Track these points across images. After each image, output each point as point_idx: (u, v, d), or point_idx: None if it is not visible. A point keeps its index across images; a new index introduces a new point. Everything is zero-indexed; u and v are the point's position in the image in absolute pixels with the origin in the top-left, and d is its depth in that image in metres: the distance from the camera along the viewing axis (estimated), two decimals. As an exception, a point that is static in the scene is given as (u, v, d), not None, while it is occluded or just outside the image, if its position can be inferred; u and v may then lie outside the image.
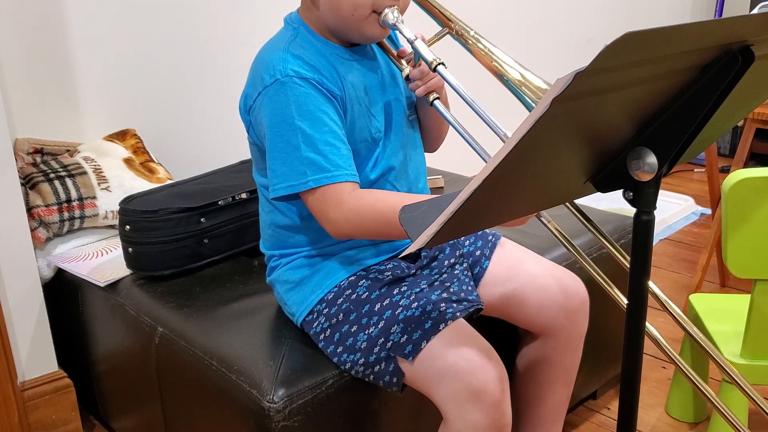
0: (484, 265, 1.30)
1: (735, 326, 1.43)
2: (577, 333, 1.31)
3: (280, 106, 1.09)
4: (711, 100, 0.72)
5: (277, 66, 1.09)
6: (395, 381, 1.10)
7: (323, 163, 1.08)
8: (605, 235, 1.07)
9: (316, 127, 1.08)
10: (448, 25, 1.22)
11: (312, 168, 1.08)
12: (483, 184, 0.68)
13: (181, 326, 1.29)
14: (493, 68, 1.17)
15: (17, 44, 1.64)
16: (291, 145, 1.08)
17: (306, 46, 1.14)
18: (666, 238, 2.79)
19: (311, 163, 1.08)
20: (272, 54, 1.12)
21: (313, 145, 1.07)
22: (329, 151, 1.08)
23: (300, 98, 1.08)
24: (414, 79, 1.17)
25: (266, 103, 1.10)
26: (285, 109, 1.08)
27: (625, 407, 0.86)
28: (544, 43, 2.99)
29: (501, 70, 1.15)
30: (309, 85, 1.09)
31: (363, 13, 1.10)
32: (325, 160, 1.08)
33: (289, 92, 1.08)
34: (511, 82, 1.14)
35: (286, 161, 1.09)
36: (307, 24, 1.16)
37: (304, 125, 1.07)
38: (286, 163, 1.09)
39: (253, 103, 1.13)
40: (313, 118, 1.08)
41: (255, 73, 1.14)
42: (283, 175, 1.10)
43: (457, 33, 1.21)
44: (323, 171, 1.08)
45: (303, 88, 1.08)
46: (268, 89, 1.09)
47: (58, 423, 1.57)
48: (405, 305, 1.13)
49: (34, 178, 1.58)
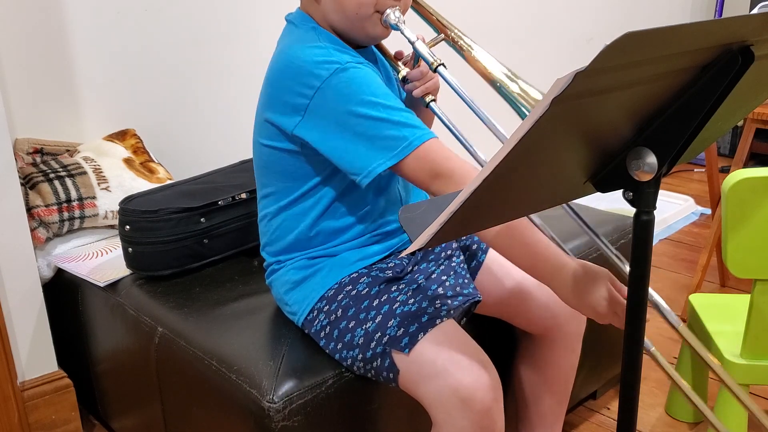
0: (481, 259, 1.30)
1: (735, 326, 1.43)
2: (575, 333, 1.31)
3: (351, 90, 1.08)
4: (711, 100, 0.72)
5: (330, 58, 1.09)
6: (392, 377, 1.10)
7: (416, 123, 1.08)
8: (601, 238, 1.07)
9: (391, 98, 1.09)
10: (444, 31, 1.23)
11: (408, 129, 1.07)
12: (483, 184, 0.68)
13: (181, 326, 1.30)
14: (488, 75, 1.17)
15: (17, 44, 1.65)
16: (378, 119, 1.07)
17: (336, 43, 1.15)
18: (666, 238, 2.79)
19: (405, 125, 1.07)
20: (313, 51, 1.11)
21: (397, 112, 1.08)
22: (411, 117, 1.09)
23: (367, 78, 1.09)
24: (413, 79, 1.17)
25: (332, 94, 1.08)
26: (357, 90, 1.08)
27: (625, 407, 0.85)
28: (544, 43, 2.99)
29: (495, 77, 1.16)
30: (366, 67, 1.11)
31: (366, 11, 1.11)
32: (414, 122, 1.09)
33: (354, 76, 1.08)
34: (505, 89, 1.14)
35: (379, 136, 1.07)
36: (317, 23, 1.17)
37: (381, 99, 1.08)
38: (379, 138, 1.08)
39: (310, 101, 1.10)
40: (384, 93, 1.09)
41: (297, 74, 1.10)
42: (381, 148, 1.07)
43: (453, 40, 1.22)
44: (420, 129, 1.08)
45: (363, 70, 1.10)
46: (330, 80, 1.08)
47: (58, 423, 1.57)
48: (402, 300, 1.13)
49: (34, 178, 1.58)
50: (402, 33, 1.13)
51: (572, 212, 1.08)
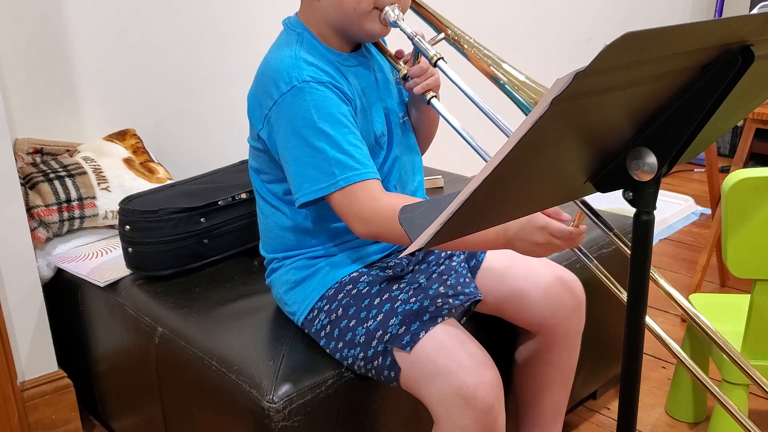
0: (480, 258, 1.30)
1: (735, 326, 1.43)
2: (574, 331, 1.31)
3: (300, 112, 1.08)
4: (711, 100, 0.72)
5: (293, 73, 1.09)
6: (393, 375, 1.10)
7: (350, 162, 1.08)
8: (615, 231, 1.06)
9: (338, 128, 1.08)
10: (444, 30, 1.23)
11: (340, 167, 1.07)
12: (483, 184, 0.68)
13: (181, 326, 1.30)
14: (490, 72, 1.17)
15: (17, 44, 1.65)
16: (316, 149, 1.08)
17: (313, 51, 1.14)
18: (666, 238, 2.79)
19: (338, 162, 1.07)
20: (283, 61, 1.12)
21: (338, 145, 1.08)
22: (354, 151, 1.09)
23: (319, 102, 1.08)
24: (413, 76, 1.17)
25: (284, 110, 1.10)
26: (306, 113, 1.08)
27: (625, 407, 0.85)
28: (544, 43, 2.99)
29: (497, 74, 1.16)
30: (326, 88, 1.09)
31: (365, 8, 1.11)
32: (351, 159, 1.08)
33: (308, 97, 1.08)
34: (507, 85, 1.14)
35: (313, 164, 1.08)
36: (308, 28, 1.17)
37: (327, 127, 1.08)
38: (314, 166, 1.08)
39: (269, 111, 1.12)
40: (334, 120, 1.08)
41: (266, 81, 1.13)
42: (311, 178, 1.09)
43: (452, 38, 1.22)
44: (351, 169, 1.08)
45: (320, 92, 1.09)
46: (286, 96, 1.09)
47: (58, 423, 1.57)
48: (404, 299, 1.13)
49: (34, 178, 1.58)
50: (401, 30, 1.13)
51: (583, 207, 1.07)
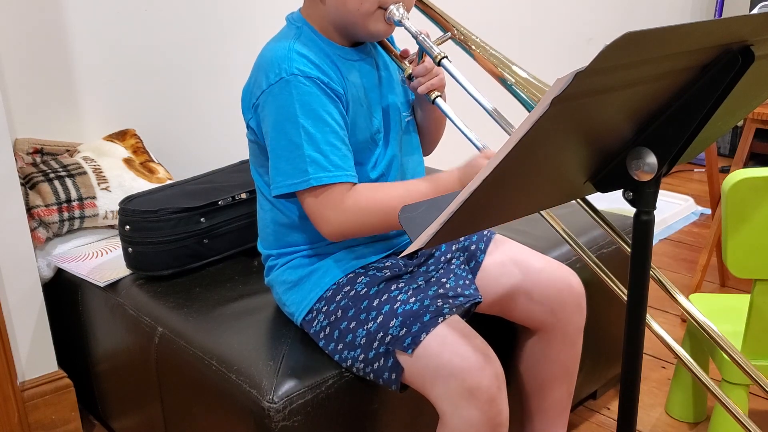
0: (480, 259, 1.30)
1: (735, 326, 1.43)
2: (575, 327, 1.31)
3: (284, 105, 1.09)
4: (711, 100, 0.72)
5: (282, 64, 1.10)
6: (394, 378, 1.10)
7: (324, 163, 1.08)
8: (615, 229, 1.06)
9: (319, 126, 1.09)
10: (450, 29, 1.23)
11: (313, 166, 1.08)
12: (483, 184, 0.68)
13: (181, 326, 1.29)
14: (497, 72, 1.17)
15: (17, 44, 1.64)
16: (294, 144, 1.08)
17: (310, 44, 1.14)
18: (666, 238, 2.79)
19: (313, 161, 1.08)
20: (276, 52, 1.12)
21: (315, 144, 1.08)
22: (330, 151, 1.09)
23: (304, 97, 1.09)
24: (418, 75, 1.17)
25: (270, 101, 1.10)
26: (289, 107, 1.08)
27: (625, 407, 0.86)
28: (544, 43, 2.99)
29: (504, 74, 1.16)
30: (313, 84, 1.09)
31: (369, 8, 1.11)
32: (326, 160, 1.09)
33: (293, 91, 1.08)
34: (513, 85, 1.14)
35: (289, 159, 1.09)
36: (309, 23, 1.17)
37: (308, 124, 1.08)
38: (289, 161, 1.09)
39: (257, 100, 1.13)
40: (316, 118, 1.09)
41: (259, 71, 1.14)
42: (285, 172, 1.10)
43: (459, 38, 1.22)
44: (324, 170, 1.08)
45: (307, 87, 1.09)
46: (273, 87, 1.10)
47: (58, 423, 1.57)
48: (403, 300, 1.13)
49: (34, 178, 1.58)
50: (406, 29, 1.13)
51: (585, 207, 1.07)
